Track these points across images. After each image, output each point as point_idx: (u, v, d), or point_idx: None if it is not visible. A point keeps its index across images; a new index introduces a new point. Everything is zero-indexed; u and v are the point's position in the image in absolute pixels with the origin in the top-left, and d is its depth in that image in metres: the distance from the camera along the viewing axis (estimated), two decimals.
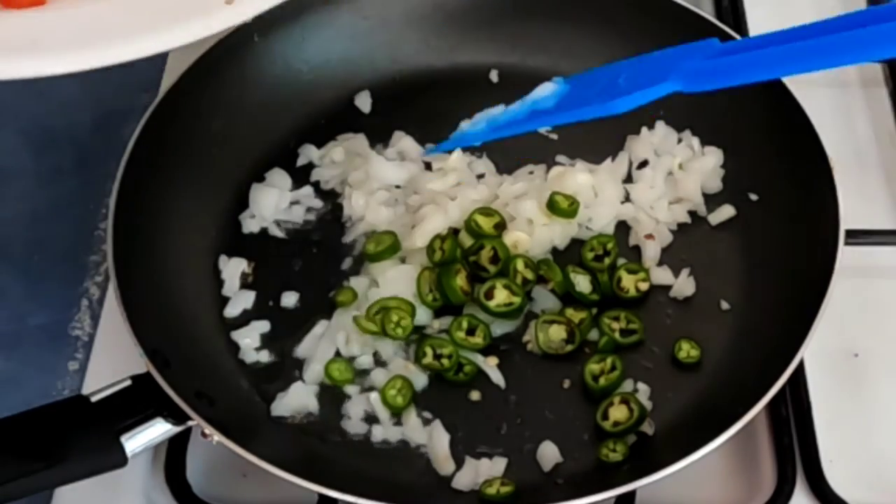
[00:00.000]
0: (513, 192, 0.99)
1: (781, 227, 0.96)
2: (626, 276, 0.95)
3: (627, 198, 1.00)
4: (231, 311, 0.96)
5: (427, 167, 1.03)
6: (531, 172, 1.02)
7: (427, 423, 0.89)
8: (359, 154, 1.04)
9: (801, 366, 0.91)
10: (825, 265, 0.88)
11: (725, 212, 1.00)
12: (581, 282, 0.94)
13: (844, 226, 0.90)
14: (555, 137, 1.05)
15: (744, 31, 1.13)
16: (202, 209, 1.00)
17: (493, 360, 0.92)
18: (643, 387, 0.91)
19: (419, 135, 1.05)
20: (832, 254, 0.88)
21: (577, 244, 0.98)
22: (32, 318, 1.03)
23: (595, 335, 0.93)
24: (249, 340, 0.94)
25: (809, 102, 0.96)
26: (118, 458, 0.80)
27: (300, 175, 1.04)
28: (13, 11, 0.68)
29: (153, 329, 0.87)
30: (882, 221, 1.02)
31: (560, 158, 1.03)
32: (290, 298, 0.97)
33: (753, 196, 1.00)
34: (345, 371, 0.91)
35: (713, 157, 1.02)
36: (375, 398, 0.90)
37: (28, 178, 1.12)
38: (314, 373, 0.92)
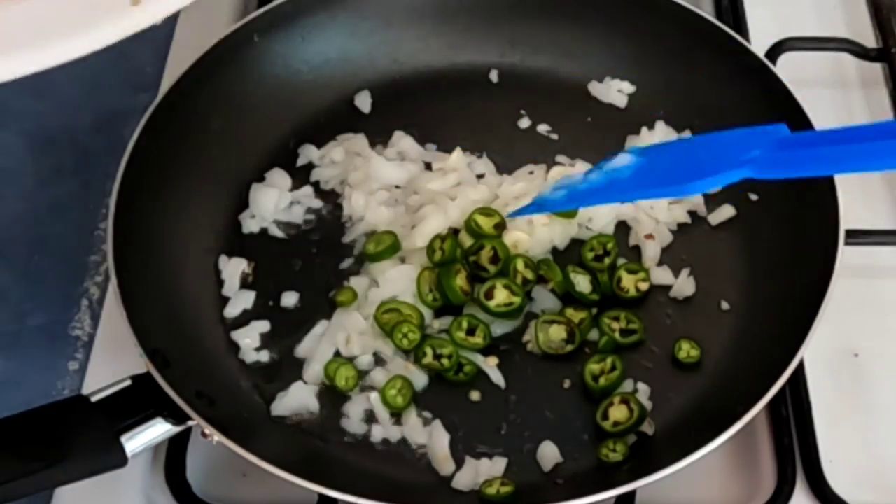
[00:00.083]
0: (513, 192, 0.99)
1: (781, 227, 0.96)
2: (626, 276, 0.95)
3: None
4: (231, 311, 0.96)
5: (427, 167, 1.03)
6: (531, 172, 1.02)
7: (427, 423, 0.89)
8: (359, 154, 1.04)
9: (801, 366, 0.91)
10: (825, 265, 0.88)
11: (725, 212, 1.00)
12: (581, 282, 0.94)
13: (844, 226, 0.90)
14: (555, 137, 1.05)
15: (744, 32, 1.13)
16: (202, 209, 1.00)
17: (493, 360, 0.92)
18: (643, 387, 0.91)
19: (419, 135, 1.05)
20: (832, 254, 0.88)
21: (577, 244, 0.98)
22: (32, 318, 1.02)
23: (595, 335, 0.93)
24: (249, 340, 0.94)
25: (809, 102, 0.96)
26: (118, 458, 0.79)
27: (300, 175, 1.04)
28: None
29: (153, 329, 0.87)
30: (882, 221, 1.02)
31: (560, 158, 1.03)
32: (290, 298, 0.96)
33: (753, 196, 0.99)
34: (350, 379, 0.91)
35: None
36: (375, 398, 0.90)
37: (28, 178, 1.11)
38: (314, 373, 0.92)
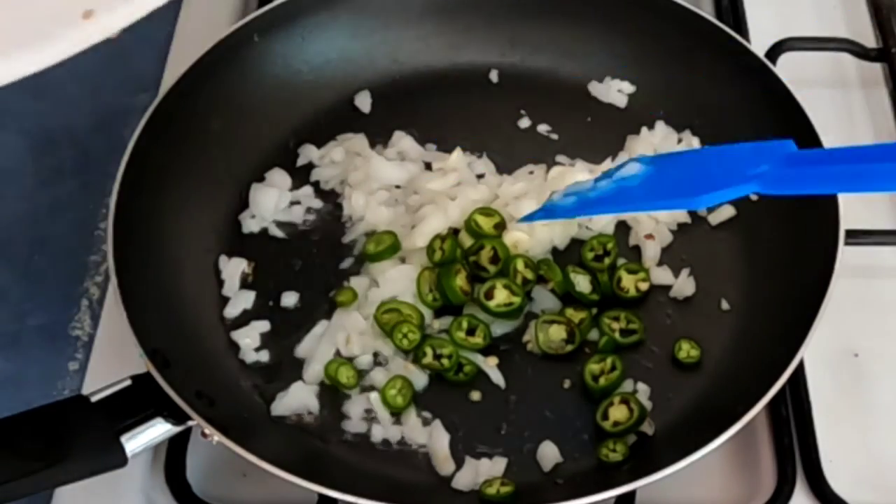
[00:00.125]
0: (513, 192, 0.99)
1: (781, 227, 0.96)
2: (626, 276, 0.95)
3: None
4: (231, 311, 0.96)
5: (427, 167, 1.03)
6: (531, 172, 1.02)
7: (427, 423, 0.89)
8: (359, 154, 1.04)
9: (801, 366, 0.91)
10: (825, 265, 0.88)
11: (725, 212, 1.00)
12: (581, 282, 0.94)
13: (844, 226, 0.90)
14: (555, 137, 1.05)
15: (744, 32, 1.13)
16: (202, 209, 1.00)
17: (493, 360, 0.92)
18: (643, 387, 0.91)
19: (419, 135, 1.05)
20: (832, 254, 0.88)
21: (577, 244, 0.98)
22: (32, 318, 1.02)
23: (595, 335, 0.93)
24: (249, 340, 0.94)
25: (809, 102, 0.96)
26: (118, 458, 0.79)
27: (300, 175, 1.04)
28: None
29: (153, 329, 0.87)
30: (882, 221, 1.02)
31: (560, 158, 1.03)
32: (290, 298, 0.96)
33: (753, 196, 0.99)
34: (351, 378, 0.91)
35: None
36: (375, 398, 0.90)
37: (28, 178, 1.11)
38: (314, 373, 0.92)
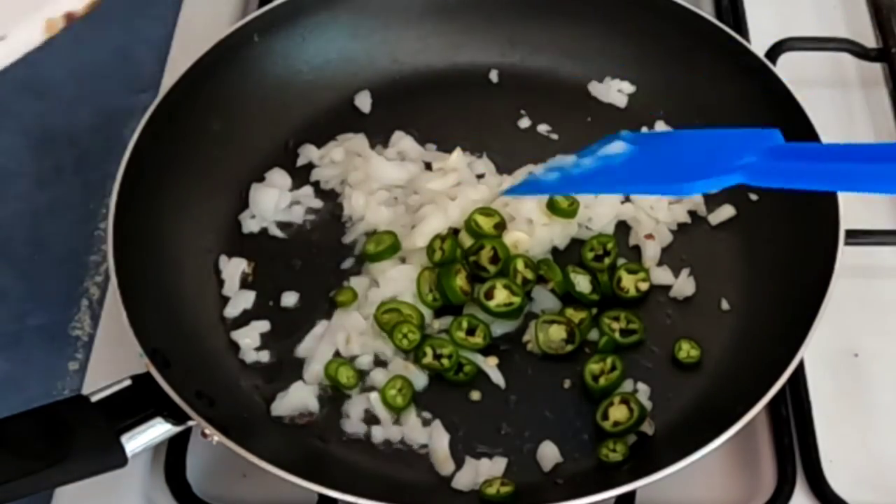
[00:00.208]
0: None
1: (781, 227, 0.96)
2: (626, 276, 0.95)
3: (627, 198, 1.00)
4: (231, 311, 0.96)
5: (427, 167, 1.03)
6: (531, 172, 1.02)
7: (427, 423, 0.89)
8: (359, 154, 1.04)
9: (801, 366, 0.91)
10: (825, 265, 0.88)
11: (725, 212, 1.00)
12: (581, 282, 0.94)
13: (844, 226, 0.90)
14: (555, 137, 1.05)
15: (744, 32, 1.13)
16: (202, 209, 1.00)
17: (493, 360, 0.92)
18: (643, 387, 0.90)
19: (419, 135, 1.05)
20: (832, 254, 0.88)
21: (577, 244, 0.98)
22: (32, 318, 1.02)
23: (595, 335, 0.93)
24: (249, 340, 0.94)
25: (809, 102, 0.96)
26: (118, 458, 0.79)
27: (300, 175, 1.04)
28: None
29: (153, 329, 0.87)
30: (882, 221, 1.02)
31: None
32: (290, 298, 0.96)
33: (753, 196, 0.99)
34: (351, 378, 0.91)
35: None
36: (375, 398, 0.90)
37: (28, 178, 1.11)
38: (314, 373, 0.92)
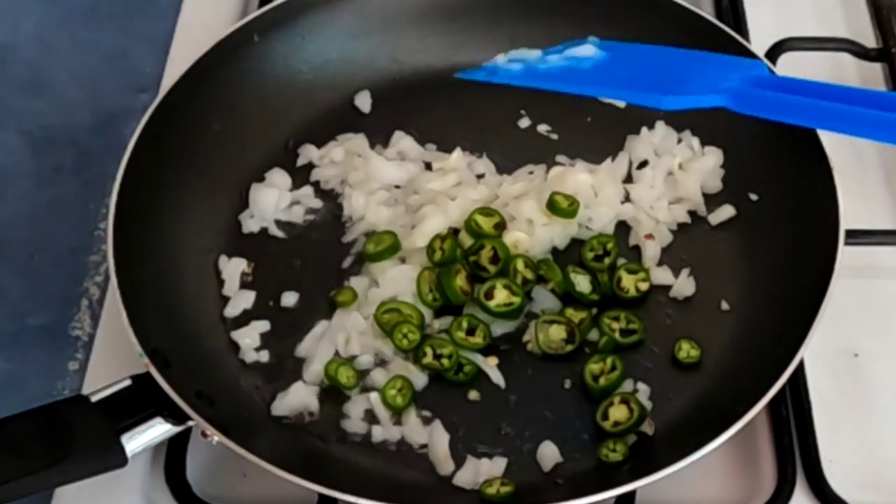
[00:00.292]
0: (513, 192, 0.99)
1: (781, 227, 0.96)
2: (626, 276, 0.95)
3: (627, 198, 1.00)
4: (231, 311, 0.96)
5: (427, 167, 1.03)
6: (531, 172, 1.02)
7: (427, 423, 0.89)
8: (359, 154, 1.04)
9: (801, 366, 0.91)
10: (825, 265, 0.88)
11: (725, 212, 1.00)
12: (581, 282, 0.94)
13: (844, 226, 0.90)
14: (555, 137, 1.05)
15: (744, 32, 1.13)
16: (202, 209, 1.00)
17: (493, 360, 0.92)
18: (643, 387, 0.91)
19: (419, 135, 1.05)
20: (832, 254, 0.88)
21: (577, 244, 0.98)
22: (32, 318, 1.03)
23: (595, 335, 0.93)
24: (249, 340, 0.94)
25: None
26: (118, 458, 0.79)
27: (300, 175, 1.04)
28: None
29: (153, 329, 0.87)
30: (882, 221, 1.02)
31: (560, 158, 1.03)
32: (290, 298, 0.96)
33: (753, 196, 0.99)
34: (351, 378, 0.91)
35: (713, 157, 1.02)
36: (375, 398, 0.90)
37: (28, 178, 1.12)
38: (314, 373, 0.92)
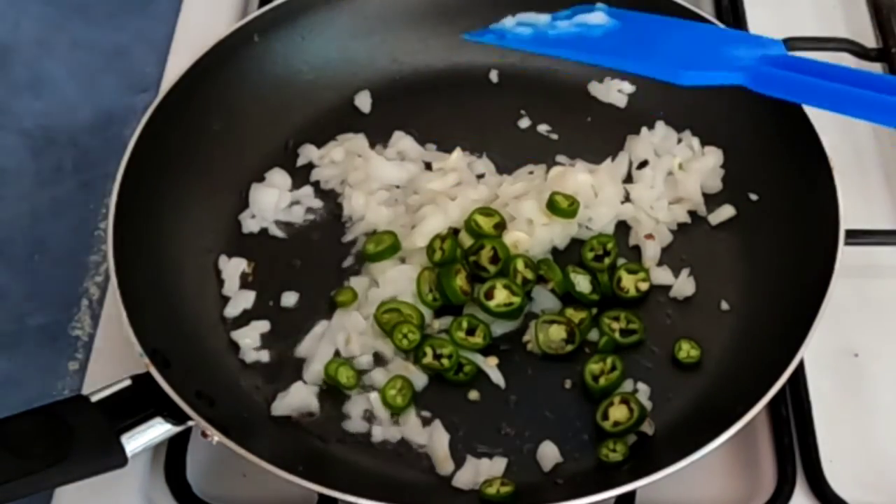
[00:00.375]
0: (513, 192, 0.99)
1: (781, 227, 0.96)
2: (626, 276, 0.95)
3: (627, 198, 1.00)
4: (231, 311, 0.96)
5: (427, 167, 1.03)
6: (531, 172, 1.02)
7: (427, 423, 0.89)
8: (359, 154, 1.04)
9: (801, 366, 0.91)
10: (825, 265, 0.88)
11: (725, 212, 1.00)
12: (581, 282, 0.94)
13: (844, 226, 0.90)
14: (555, 137, 1.05)
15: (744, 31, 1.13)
16: (202, 209, 1.00)
17: (493, 360, 0.92)
18: (643, 387, 0.90)
19: (419, 135, 1.05)
20: (832, 254, 0.88)
21: (577, 244, 0.98)
22: (32, 318, 1.03)
23: (595, 335, 0.93)
24: (249, 340, 0.94)
25: None
26: (118, 458, 0.79)
27: (300, 175, 1.04)
28: None
29: (153, 329, 0.87)
30: (882, 221, 1.02)
31: (560, 158, 1.03)
32: (290, 298, 0.96)
33: (753, 196, 0.99)
34: (351, 378, 0.91)
35: (713, 157, 1.02)
36: (375, 398, 0.90)
37: (28, 178, 1.12)
38: (314, 373, 0.92)
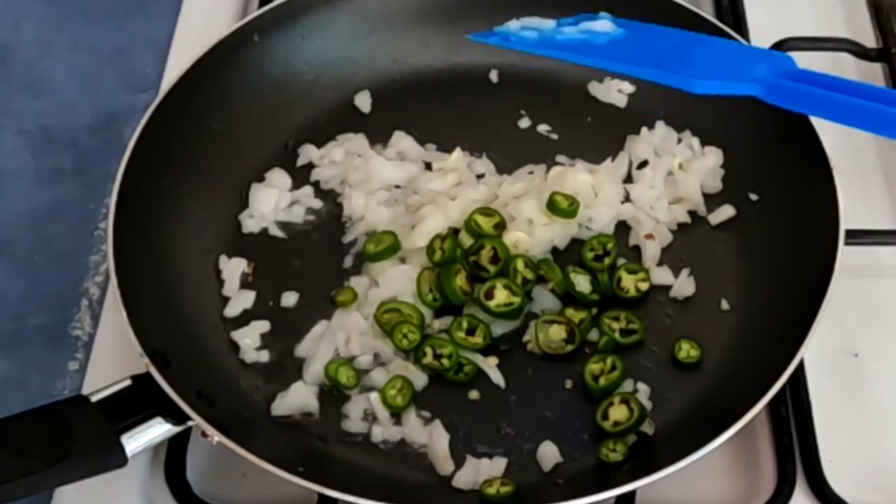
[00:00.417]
0: (513, 192, 0.99)
1: (781, 227, 0.96)
2: (626, 276, 0.95)
3: (627, 198, 1.00)
4: (231, 311, 0.96)
5: (427, 167, 1.03)
6: (531, 172, 1.02)
7: (427, 423, 0.89)
8: (359, 154, 1.04)
9: (801, 366, 0.91)
10: (825, 265, 0.88)
11: (725, 212, 1.00)
12: (581, 282, 0.94)
13: (844, 226, 0.90)
14: (555, 137, 1.05)
15: (744, 32, 1.13)
16: (202, 209, 1.00)
17: (493, 360, 0.92)
18: (643, 387, 0.91)
19: (419, 135, 1.05)
20: (832, 254, 0.88)
21: (577, 244, 0.98)
22: (32, 318, 1.03)
23: (595, 335, 0.93)
24: (249, 340, 0.94)
25: None
26: (118, 458, 0.79)
27: (300, 175, 1.04)
28: None
29: (153, 329, 0.87)
30: (882, 221, 1.02)
31: (560, 158, 1.03)
32: (290, 298, 0.96)
33: (753, 196, 0.99)
34: (351, 378, 0.91)
35: (713, 157, 1.02)
36: (375, 398, 0.90)
37: (28, 178, 1.12)
38: (314, 373, 0.92)
